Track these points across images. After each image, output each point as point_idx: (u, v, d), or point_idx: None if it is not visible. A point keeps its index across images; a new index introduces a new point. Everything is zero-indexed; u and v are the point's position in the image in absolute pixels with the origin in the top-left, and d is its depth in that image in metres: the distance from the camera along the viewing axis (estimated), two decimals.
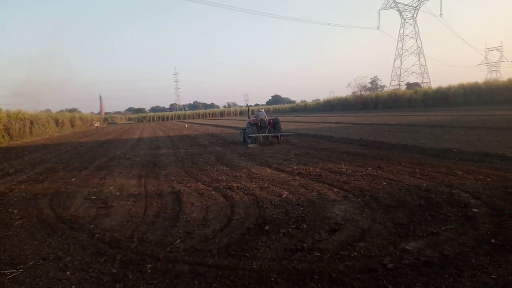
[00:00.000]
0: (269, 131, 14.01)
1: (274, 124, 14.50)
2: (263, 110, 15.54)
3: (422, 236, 3.74)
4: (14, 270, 3.51)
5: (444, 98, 45.31)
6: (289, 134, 14.52)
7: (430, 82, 74.76)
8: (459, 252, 3.28)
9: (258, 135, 13.52)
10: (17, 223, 5.14)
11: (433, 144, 9.98)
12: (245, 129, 14.98)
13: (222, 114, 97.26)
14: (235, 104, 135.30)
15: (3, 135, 24.57)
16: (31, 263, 3.68)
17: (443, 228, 3.89)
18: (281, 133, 13.98)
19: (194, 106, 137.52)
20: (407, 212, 4.52)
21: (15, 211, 5.77)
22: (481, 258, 3.14)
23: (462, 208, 4.49)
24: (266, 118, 14.57)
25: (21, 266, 3.60)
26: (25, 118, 30.45)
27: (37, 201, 6.37)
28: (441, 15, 77.41)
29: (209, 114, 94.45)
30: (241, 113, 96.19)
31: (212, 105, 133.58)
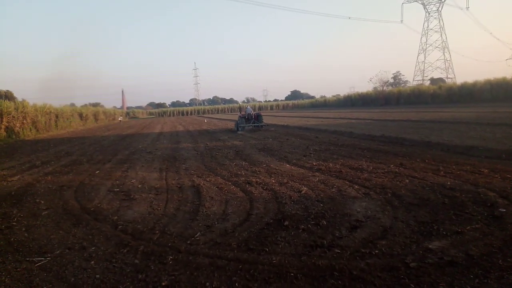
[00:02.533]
0: (253, 122, 19.18)
1: (257, 117, 19.61)
2: (249, 107, 21.84)
3: (446, 235, 3.65)
4: (42, 258, 3.65)
5: (469, 94, 43.86)
6: (267, 125, 20.25)
7: (455, 77, 72.60)
8: (485, 253, 3.18)
9: (245, 125, 18.87)
10: (44, 213, 5.33)
11: (457, 141, 9.70)
12: (237, 121, 19.49)
13: (240, 109, 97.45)
14: (253, 99, 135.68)
15: (30, 128, 25.48)
16: (57, 252, 3.81)
17: (468, 228, 3.78)
18: (261, 124, 19.39)
19: (214, 101, 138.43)
20: (430, 210, 4.42)
21: (42, 202, 5.98)
22: (508, 259, 3.03)
23: (489, 208, 4.35)
24: (252, 113, 19.70)
25: (48, 255, 3.74)
26: (50, 112, 31.50)
27: (63, 193, 6.59)
28: (467, 8, 74.91)
29: (228, 109, 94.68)
30: (260, 108, 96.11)
31: (231, 100, 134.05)
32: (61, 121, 34.11)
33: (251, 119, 19.24)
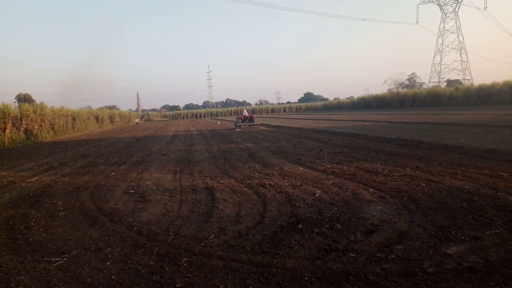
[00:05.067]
0: (248, 122, 25.14)
1: (251, 118, 25.68)
2: (245, 110, 28.53)
3: (464, 241, 3.56)
4: (59, 259, 3.72)
5: (487, 96, 42.89)
6: (258, 124, 26.65)
7: (472, 79, 71.12)
8: (506, 259, 3.09)
9: (241, 124, 24.66)
10: (61, 214, 5.44)
11: (475, 144, 9.48)
12: (235, 121, 25.90)
13: (253, 111, 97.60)
14: (266, 102, 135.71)
15: (48, 130, 26.10)
16: (74, 252, 3.87)
17: (487, 233, 3.68)
18: (253, 123, 25.32)
19: (227, 103, 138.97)
20: (448, 215, 4.32)
21: (59, 203, 6.10)
22: None
23: (509, 212, 4.23)
24: (247, 114, 26.16)
25: (65, 255, 3.80)
26: (68, 115, 32.21)
27: (79, 194, 6.71)
28: (485, 8, 73.31)
29: (240, 112, 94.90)
30: (273, 110, 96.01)
31: (244, 103, 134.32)
32: (78, 124, 34.84)
33: (246, 120, 25.24)
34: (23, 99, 46.24)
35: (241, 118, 25.22)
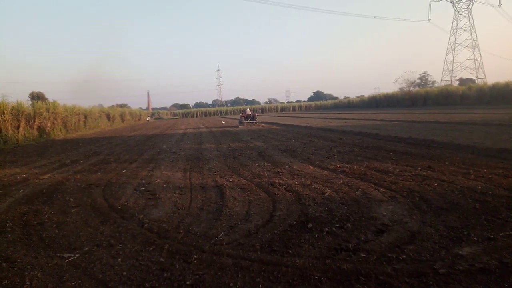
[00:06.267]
0: (250, 119, 28.08)
1: (253, 117, 28.52)
2: (248, 109, 33.07)
3: (477, 242, 3.50)
4: (71, 255, 3.77)
5: (501, 95, 42.02)
6: (259, 122, 29.67)
7: (485, 77, 69.96)
8: None
9: (244, 121, 27.62)
10: (73, 210, 5.51)
11: (489, 143, 9.31)
12: (239, 119, 29.08)
13: (263, 110, 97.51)
14: (276, 101, 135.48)
15: (60, 128, 26.48)
16: (86, 248, 3.93)
17: (501, 234, 3.62)
18: (255, 121, 28.14)
19: (236, 102, 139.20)
20: (460, 215, 4.26)
21: (72, 200, 6.18)
22: None
23: None
24: (249, 113, 29.10)
25: (78, 251, 3.85)
26: (79, 113, 32.61)
27: (91, 191, 6.79)
28: (500, 5, 72.00)
29: (250, 110, 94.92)
30: (282, 109, 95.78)
31: (253, 101, 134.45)
32: (89, 122, 35.25)
33: (249, 118, 28.34)
34: (36, 97, 46.98)
35: (244, 116, 28.65)
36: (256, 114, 30.86)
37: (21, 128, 20.66)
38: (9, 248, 4.04)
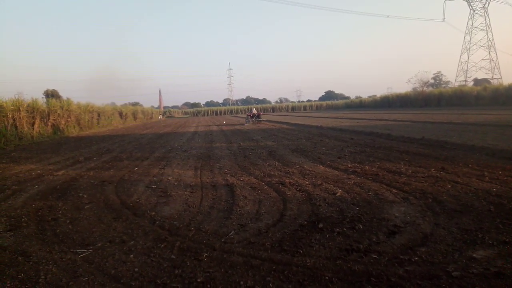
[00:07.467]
0: (256, 118, 30.31)
1: (258, 116, 30.89)
2: (254, 108, 36.95)
3: (492, 245, 3.43)
4: (85, 250, 3.83)
5: None
6: (264, 120, 31.98)
7: (501, 78, 68.57)
8: None
9: (250, 120, 29.90)
10: (86, 206, 5.59)
11: (504, 145, 9.12)
12: (246, 117, 31.90)
13: (273, 109, 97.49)
14: (287, 100, 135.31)
15: (74, 125, 26.90)
16: (99, 244, 3.98)
17: None
18: (260, 120, 30.41)
19: (247, 101, 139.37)
20: (474, 218, 4.18)
21: (85, 196, 6.28)
22: None
23: None
24: (255, 112, 31.78)
25: (91, 247, 3.91)
26: (93, 111, 33.09)
27: (104, 188, 6.88)
28: None
29: (260, 109, 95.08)
30: (293, 109, 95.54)
31: (264, 100, 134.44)
32: (102, 119, 35.74)
33: (254, 116, 30.68)
34: (51, 94, 47.82)
35: (250, 115, 31.32)
36: (261, 113, 34.45)
37: (36, 125, 21.05)
38: (24, 243, 4.12)
